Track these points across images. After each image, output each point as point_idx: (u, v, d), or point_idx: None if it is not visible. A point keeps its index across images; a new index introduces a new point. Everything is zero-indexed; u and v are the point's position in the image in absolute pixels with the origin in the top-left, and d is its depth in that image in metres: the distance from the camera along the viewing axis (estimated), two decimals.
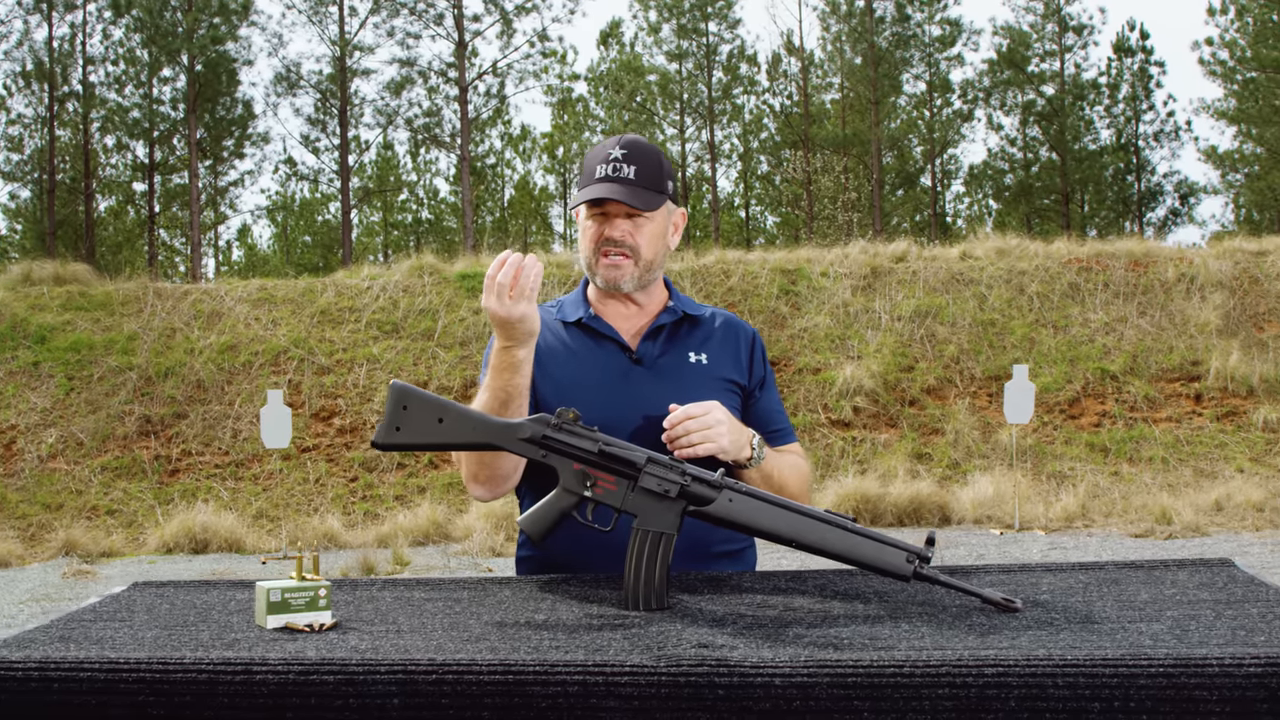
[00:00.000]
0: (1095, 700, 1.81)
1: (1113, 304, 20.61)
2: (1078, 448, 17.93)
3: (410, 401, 2.44)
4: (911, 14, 47.21)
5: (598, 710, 1.86)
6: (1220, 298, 20.48)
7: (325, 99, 41.64)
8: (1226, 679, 1.81)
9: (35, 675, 1.92)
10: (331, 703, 1.88)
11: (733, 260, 22.03)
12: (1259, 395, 18.69)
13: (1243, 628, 2.03)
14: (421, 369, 19.10)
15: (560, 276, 21.14)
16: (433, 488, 17.06)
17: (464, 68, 41.04)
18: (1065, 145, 48.73)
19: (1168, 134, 51.83)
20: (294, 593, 2.20)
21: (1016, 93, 49.99)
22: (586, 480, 2.41)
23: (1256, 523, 14.66)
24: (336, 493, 17.04)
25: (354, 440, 18.02)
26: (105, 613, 2.36)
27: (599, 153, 3.00)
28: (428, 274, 21.21)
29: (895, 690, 1.83)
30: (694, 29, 46.79)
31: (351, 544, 15.03)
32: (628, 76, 47.75)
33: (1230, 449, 17.77)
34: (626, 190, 2.92)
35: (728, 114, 48.62)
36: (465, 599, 2.45)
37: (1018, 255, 21.89)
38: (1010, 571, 2.60)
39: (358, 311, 20.23)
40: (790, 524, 2.35)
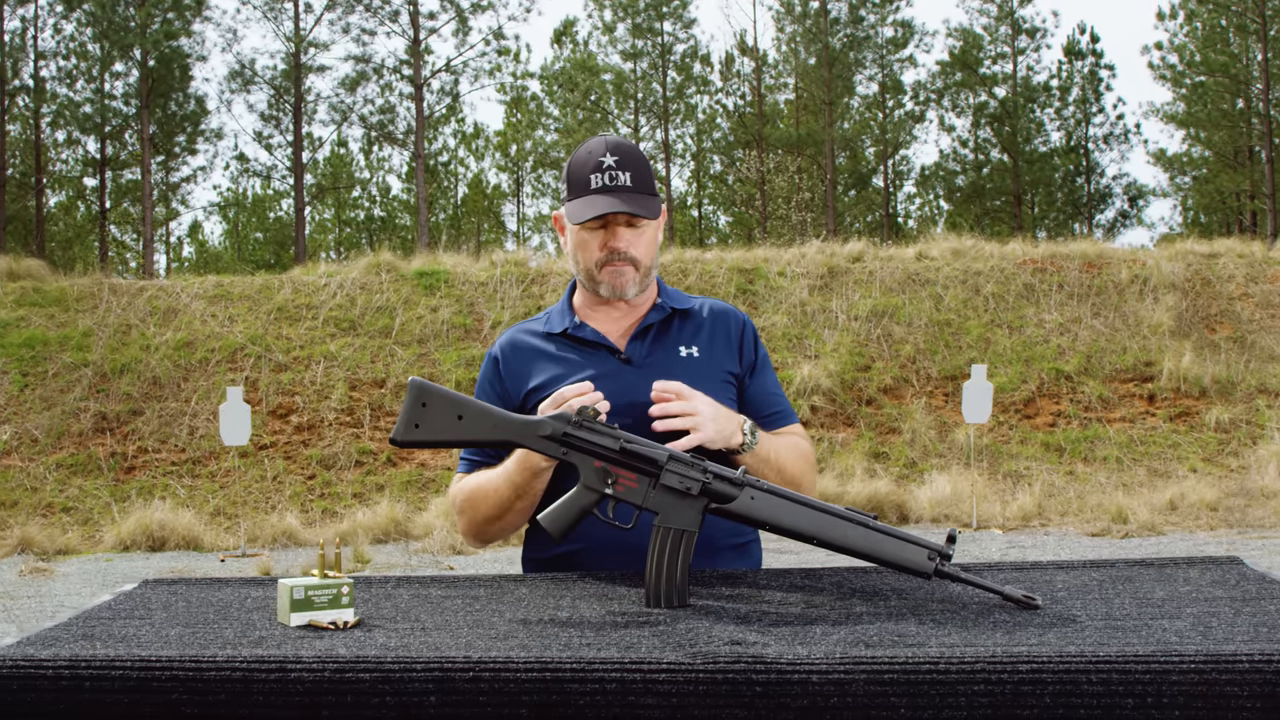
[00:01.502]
0: (1129, 696, 1.82)
1: (1067, 305, 20.76)
2: (1033, 447, 18.05)
3: (429, 398, 2.43)
4: (865, 15, 47.37)
5: (635, 707, 1.86)
6: (1173, 299, 20.67)
7: (279, 95, 41.42)
8: (1257, 675, 1.83)
9: (66, 674, 1.91)
10: (368, 700, 1.87)
11: (690, 259, 22.05)
12: (1211, 396, 18.87)
13: (1264, 624, 2.05)
14: (379, 366, 19.03)
15: (518, 275, 21.11)
16: (391, 485, 17.00)
17: (419, 65, 40.91)
18: (1016, 147, 49.04)
19: (1117, 137, 52.24)
20: (317, 590, 2.19)
21: (969, 94, 50.26)
22: (608, 478, 2.40)
23: (1211, 522, 14.80)
24: (294, 490, 16.95)
25: (311, 438, 17.93)
26: (123, 610, 2.34)
27: (588, 160, 2.95)
28: (385, 271, 21.13)
29: (931, 687, 1.84)
30: (649, 28, 46.80)
31: (310, 542, 14.96)
32: (582, 75, 47.71)
33: (1183, 449, 17.93)
34: (629, 200, 2.91)
35: (681, 113, 48.66)
36: (483, 596, 2.44)
37: (973, 256, 22.01)
38: (1022, 569, 2.62)
39: (315, 309, 20.14)
40: (812, 521, 2.36)
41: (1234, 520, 14.82)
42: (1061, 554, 12.86)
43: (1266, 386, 19.06)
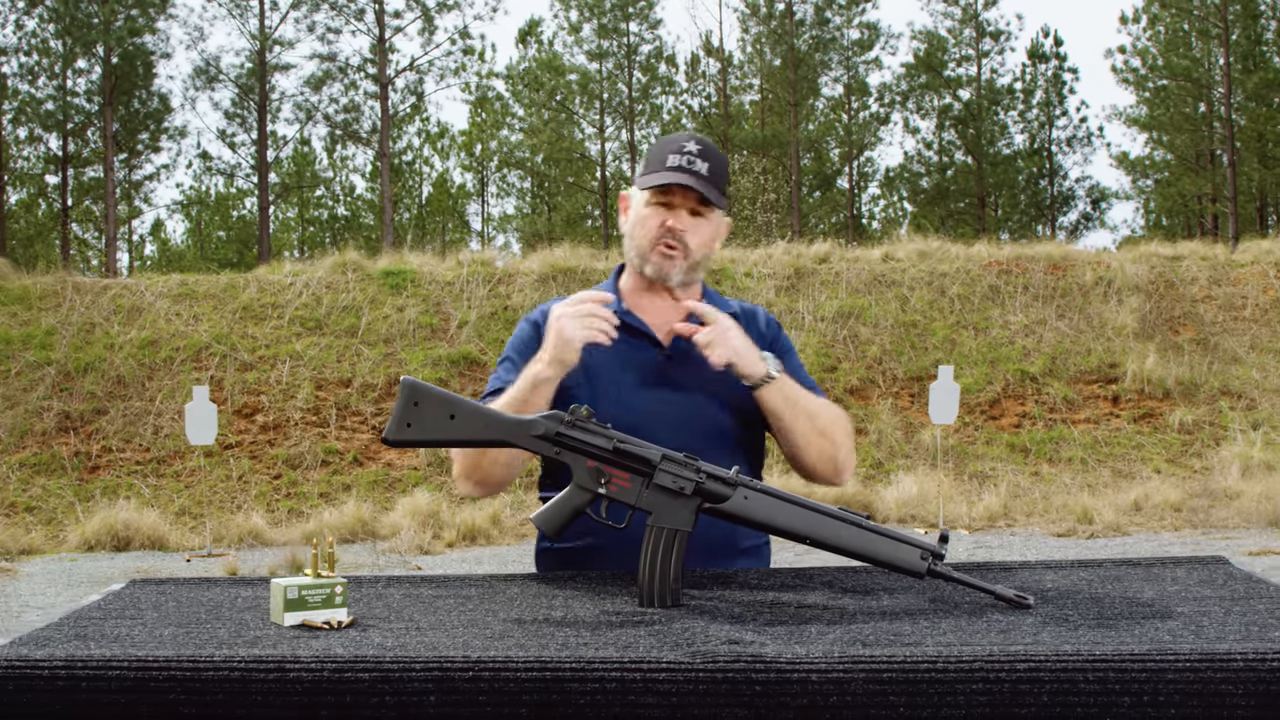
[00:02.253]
0: (1125, 695, 1.84)
1: (1032, 306, 20.86)
2: (998, 448, 18.13)
3: (421, 398, 2.43)
4: (830, 17, 47.51)
5: (635, 707, 1.86)
6: (1137, 301, 20.79)
7: (244, 93, 41.23)
8: (1251, 673, 1.84)
9: (62, 674, 1.90)
10: (367, 700, 1.87)
11: None
12: (1175, 397, 18.99)
13: (1255, 623, 2.07)
14: (345, 366, 18.97)
15: (484, 275, 21.08)
16: (358, 485, 16.95)
17: (384, 64, 40.80)
18: (980, 149, 49.25)
19: (1080, 139, 52.56)
20: (311, 590, 2.19)
21: (933, 97, 50.47)
22: (601, 477, 2.40)
23: (1175, 523, 14.90)
24: (260, 490, 16.88)
25: (277, 437, 17.87)
26: (113, 610, 2.33)
27: (670, 143, 3.00)
28: (351, 271, 21.06)
29: (930, 685, 1.85)
30: (614, 29, 46.79)
31: (276, 542, 14.90)
32: (547, 75, 47.67)
33: (1147, 450, 18.04)
34: (700, 182, 2.94)
35: (647, 114, 48.67)
36: (475, 596, 2.44)
37: (939, 257, 22.09)
38: (1011, 569, 2.63)
39: (280, 308, 20.06)
40: (806, 521, 2.37)
41: (1198, 521, 14.92)
42: (1028, 554, 12.93)
43: (1229, 388, 19.19)
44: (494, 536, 15.18)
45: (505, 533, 15.37)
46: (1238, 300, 21.00)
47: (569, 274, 21.03)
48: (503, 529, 15.45)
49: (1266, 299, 20.95)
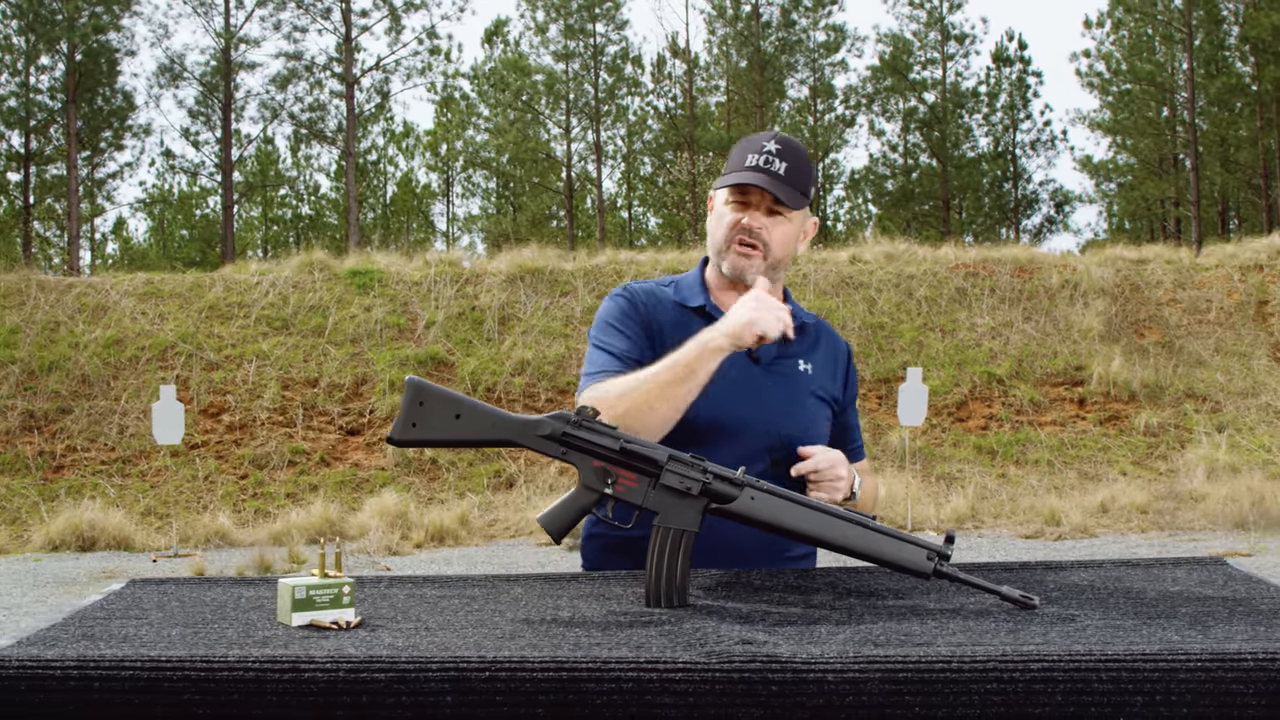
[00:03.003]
0: (1138, 694, 1.85)
1: (999, 309, 20.96)
2: (966, 450, 18.21)
3: (427, 397, 2.42)
4: (797, 19, 47.59)
5: (652, 707, 1.86)
6: (1102, 304, 20.91)
7: (209, 92, 41.06)
8: (1261, 673, 1.85)
9: (75, 674, 1.88)
10: (383, 700, 1.86)
11: (624, 260, 22.07)
12: (1140, 400, 19.11)
13: (1261, 623, 2.08)
14: (312, 366, 18.91)
15: (452, 275, 21.04)
16: (325, 485, 16.90)
17: (350, 63, 40.69)
18: (945, 152, 49.44)
19: (1044, 143, 52.81)
20: (318, 590, 2.17)
21: (898, 99, 50.64)
22: (607, 478, 2.40)
23: (1141, 525, 14.99)
24: (226, 490, 16.81)
25: (243, 437, 17.79)
26: (117, 610, 2.31)
27: (752, 142, 3.00)
28: (318, 270, 21.00)
29: (945, 685, 1.86)
30: (581, 29, 46.77)
31: (243, 542, 14.84)
32: (513, 75, 47.61)
33: (1113, 452, 18.15)
34: (774, 183, 2.93)
35: (613, 115, 48.67)
36: (480, 596, 2.43)
37: (906, 260, 22.17)
38: (1011, 569, 2.64)
39: (247, 307, 19.98)
40: (813, 522, 2.37)
41: (1164, 523, 15.02)
42: (997, 556, 12.98)
43: (1194, 391, 19.33)
44: (462, 537, 15.17)
45: (473, 534, 15.36)
46: (1202, 304, 21.14)
47: (537, 274, 21.02)
48: (471, 530, 15.43)
49: (1231, 302, 21.10)
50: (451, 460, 17.67)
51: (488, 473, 17.47)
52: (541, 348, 19.57)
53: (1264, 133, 45.00)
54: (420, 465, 17.60)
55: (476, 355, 19.40)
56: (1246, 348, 20.29)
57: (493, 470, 17.51)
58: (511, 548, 14.59)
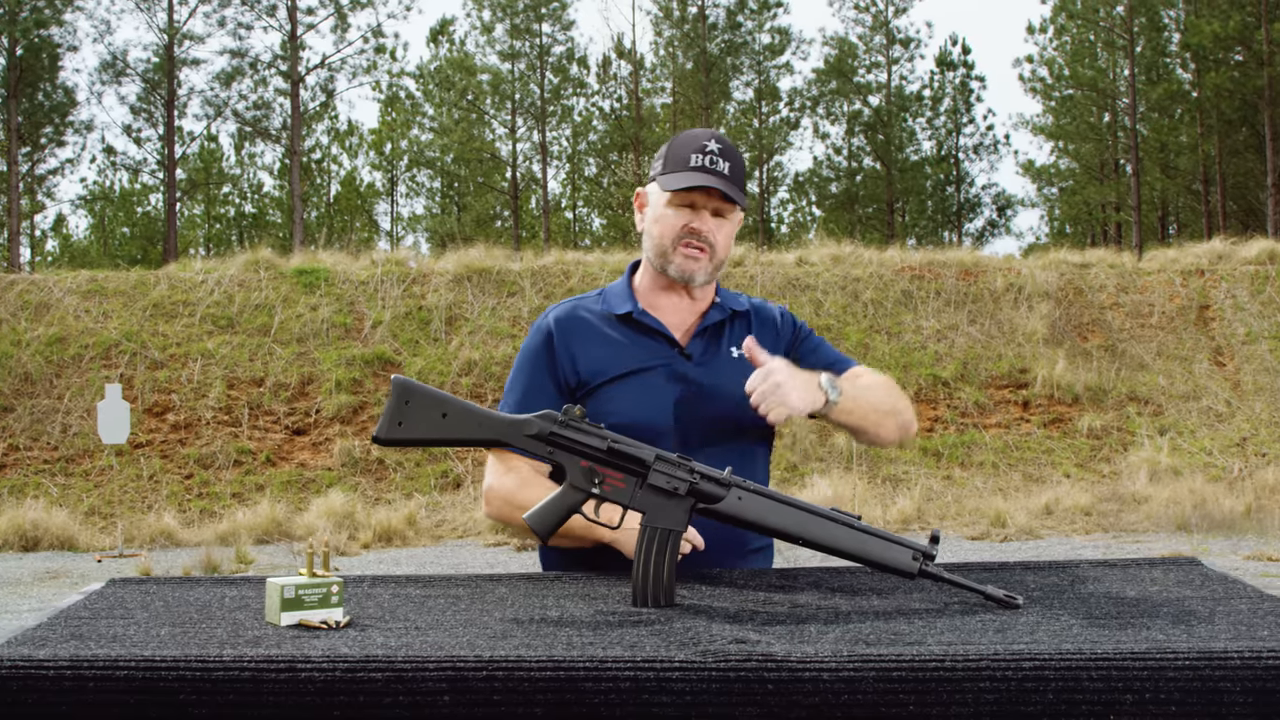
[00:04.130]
0: (1128, 692, 1.87)
1: (944, 312, 21.08)
2: (911, 452, 18.30)
3: (413, 396, 2.42)
4: (742, 22, 47.73)
5: (650, 706, 1.87)
6: (1046, 308, 21.08)
7: (152, 88, 40.72)
8: (1248, 671, 1.88)
9: (68, 674, 1.87)
10: (380, 700, 1.86)
11: (571, 261, 22.06)
12: (1083, 403, 19.27)
13: (1241, 622, 2.11)
14: (258, 365, 18.79)
15: (398, 274, 20.96)
16: (271, 485, 16.80)
17: (296, 60, 40.47)
18: (889, 155, 49.69)
19: (987, 147, 53.20)
20: (307, 589, 2.17)
21: (843, 102, 50.86)
22: (594, 477, 2.40)
23: (1085, 526, 15.12)
24: (171, 490, 16.68)
25: (188, 436, 17.66)
26: (101, 610, 2.29)
27: (690, 141, 2.97)
28: (264, 269, 20.87)
29: (939, 684, 1.87)
30: (527, 29, 46.72)
31: (189, 542, 14.73)
32: (459, 75, 47.49)
33: (1057, 454, 18.30)
34: (724, 183, 2.92)
35: (558, 115, 48.64)
36: (465, 596, 2.43)
37: (852, 262, 22.26)
38: (991, 569, 2.67)
39: (192, 305, 19.83)
40: (799, 521, 2.38)
41: (1108, 524, 15.16)
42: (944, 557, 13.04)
43: (1136, 394, 19.52)
44: (410, 538, 15.12)
45: (421, 534, 15.31)
46: (1145, 308, 21.35)
47: (484, 275, 20.98)
48: (418, 530, 15.39)
49: (1173, 307, 21.32)
50: (398, 461, 17.62)
51: (435, 473, 17.42)
52: (489, 348, 19.53)
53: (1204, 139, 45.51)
54: (367, 465, 17.53)
55: (423, 355, 19.33)
56: (1188, 352, 20.51)
57: (440, 471, 17.47)
58: (459, 548, 14.56)
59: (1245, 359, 20.36)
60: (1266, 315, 21.10)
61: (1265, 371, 20.09)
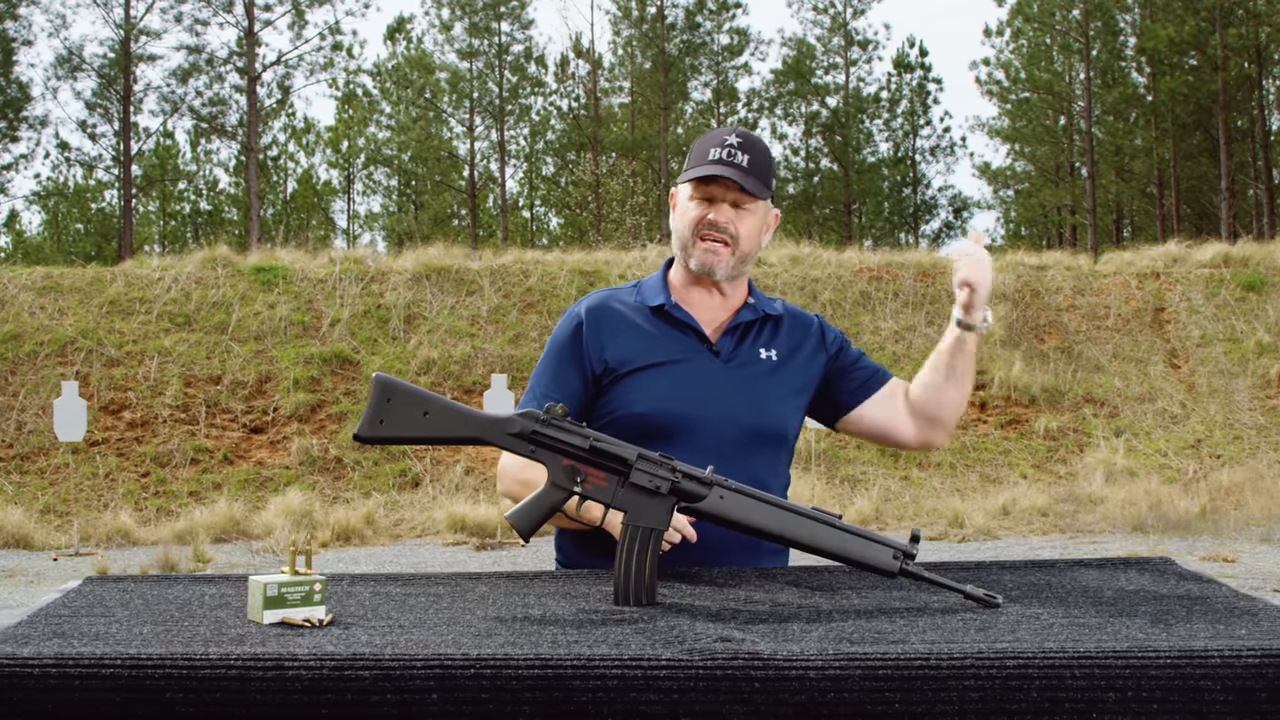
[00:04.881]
0: (1110, 690, 1.89)
1: (902, 313, 21.17)
2: (869, 452, 18.36)
3: (394, 394, 2.41)
4: (701, 22, 47.77)
5: (637, 704, 1.87)
6: (1004, 309, 21.19)
7: (107, 84, 40.44)
8: (1228, 670, 1.90)
9: (54, 672, 1.86)
10: (368, 698, 1.86)
11: (530, 260, 22.02)
12: (1040, 404, 19.39)
13: (1220, 621, 2.14)
14: (215, 363, 18.68)
15: (357, 272, 20.89)
16: (229, 484, 16.71)
17: (253, 57, 40.26)
18: (847, 157, 49.86)
19: (943, 149, 53.47)
20: (289, 587, 2.16)
21: (801, 104, 50.99)
22: (576, 476, 2.41)
23: (1042, 527, 15.21)
24: (128, 488, 16.57)
25: (145, 434, 17.54)
26: (81, 608, 2.28)
27: (712, 138, 3.00)
28: (221, 266, 20.75)
29: (925, 682, 1.89)
30: (486, 28, 46.62)
31: (146, 541, 14.64)
32: (416, 73, 47.36)
33: (1014, 455, 18.40)
34: (739, 174, 2.93)
35: (516, 114, 48.58)
36: (445, 595, 2.43)
37: (811, 263, 22.32)
38: (968, 569, 2.69)
39: (149, 302, 19.69)
40: (780, 521, 2.40)
41: (1064, 525, 15.25)
42: None
43: (1092, 396, 19.65)
44: (368, 537, 15.07)
45: (380, 533, 15.26)
46: (1101, 310, 21.50)
47: (443, 273, 20.93)
48: (377, 529, 15.34)
49: (1128, 309, 21.48)
50: (357, 459, 17.55)
51: (393, 472, 17.37)
52: (447, 347, 19.49)
53: (1158, 143, 45.87)
54: (325, 464, 17.46)
55: (382, 354, 19.27)
56: (1143, 354, 20.67)
57: (398, 470, 17.42)
58: (418, 547, 14.52)
59: (1200, 361, 20.54)
60: (1221, 318, 21.28)
61: (1219, 374, 20.26)
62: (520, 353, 19.36)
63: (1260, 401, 19.73)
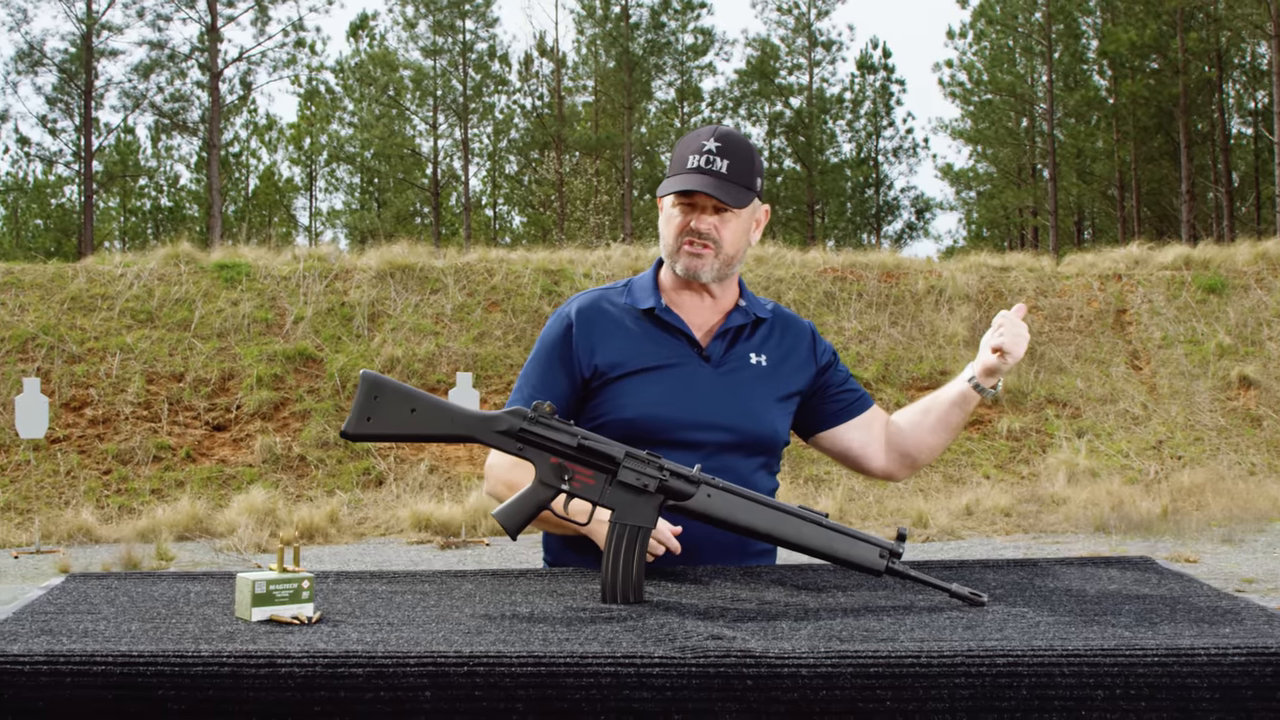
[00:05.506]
0: (1099, 688, 1.90)
1: (866, 313, 21.23)
2: None
3: (382, 392, 2.41)
4: (666, 21, 47.80)
5: (631, 701, 1.88)
6: (967, 310, 21.28)
7: (69, 79, 40.17)
8: (1215, 667, 1.92)
9: (45, 669, 1.85)
10: (362, 695, 1.86)
11: (495, 259, 21.99)
12: (1003, 405, 19.48)
13: (1204, 620, 2.16)
14: (178, 360, 18.58)
15: (321, 270, 20.81)
16: (191, 481, 16.62)
17: (216, 53, 40.06)
18: (811, 157, 49.96)
19: (906, 150, 53.67)
20: (278, 584, 2.16)
21: (765, 104, 51.08)
22: (564, 474, 2.41)
23: (1005, 527, 15.28)
24: (89, 485, 16.46)
25: (107, 431, 17.43)
26: (66, 605, 2.27)
27: (692, 141, 2.97)
28: (184, 263, 20.63)
29: (915, 680, 1.90)
30: (450, 25, 46.53)
31: (108, 539, 14.55)
32: (380, 70, 47.23)
33: (977, 456, 18.48)
34: (718, 184, 2.90)
35: (480, 112, 48.50)
36: (432, 592, 2.43)
37: (775, 263, 22.36)
38: (951, 567, 2.70)
39: (111, 299, 19.57)
40: (767, 519, 2.40)
41: (1027, 525, 15.33)
42: None
43: (1055, 397, 19.75)
44: (331, 535, 15.02)
45: (343, 531, 15.22)
46: (1063, 311, 21.61)
47: (407, 271, 20.88)
48: (340, 528, 15.29)
49: (1090, 310, 21.61)
50: (320, 457, 17.49)
51: (357, 470, 17.32)
52: (411, 345, 19.44)
53: (1119, 145, 46.17)
54: (288, 462, 17.39)
55: (346, 352, 19.21)
56: (1105, 355, 20.80)
57: (362, 468, 17.37)
58: (383, 545, 14.49)
59: (1161, 363, 20.68)
60: (1182, 320, 21.43)
61: (1180, 375, 20.41)
62: (485, 351, 19.33)
63: (1221, 403, 19.89)
